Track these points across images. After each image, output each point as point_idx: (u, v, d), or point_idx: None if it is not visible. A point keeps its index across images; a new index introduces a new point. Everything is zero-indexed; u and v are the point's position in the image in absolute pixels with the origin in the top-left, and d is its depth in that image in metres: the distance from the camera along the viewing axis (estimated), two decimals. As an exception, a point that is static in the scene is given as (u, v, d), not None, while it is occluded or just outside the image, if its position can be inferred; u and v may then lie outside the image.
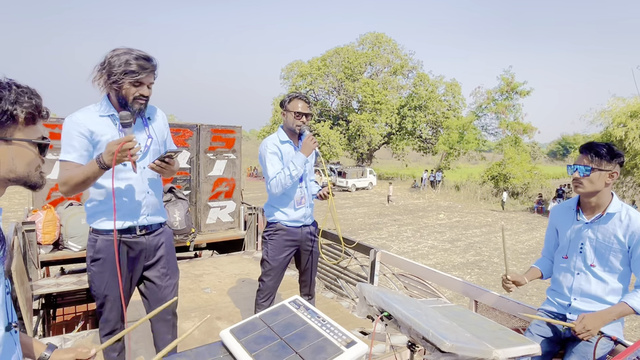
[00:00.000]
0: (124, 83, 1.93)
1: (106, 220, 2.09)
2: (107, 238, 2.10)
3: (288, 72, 39.85)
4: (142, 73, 1.93)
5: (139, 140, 2.09)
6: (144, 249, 2.20)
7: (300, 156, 2.72)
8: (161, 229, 2.28)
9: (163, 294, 2.29)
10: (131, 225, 2.12)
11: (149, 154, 2.13)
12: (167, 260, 2.29)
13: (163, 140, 2.25)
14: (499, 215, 22.01)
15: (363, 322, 3.45)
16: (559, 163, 69.24)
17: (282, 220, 2.87)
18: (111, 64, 1.91)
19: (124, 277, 2.14)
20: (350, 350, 1.57)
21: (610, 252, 2.07)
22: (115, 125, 2.03)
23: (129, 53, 1.92)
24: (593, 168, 2.03)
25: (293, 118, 2.77)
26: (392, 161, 47.81)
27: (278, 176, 2.71)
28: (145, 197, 2.14)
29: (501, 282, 2.33)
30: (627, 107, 19.24)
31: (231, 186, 5.63)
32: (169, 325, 2.37)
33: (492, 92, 31.17)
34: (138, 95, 1.97)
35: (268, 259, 2.88)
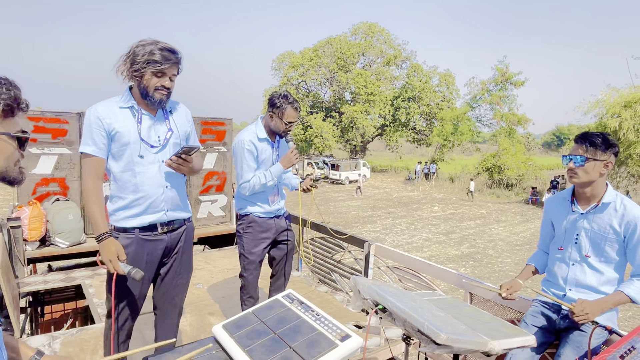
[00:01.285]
0: (145, 73, 1.94)
1: (126, 218, 2.07)
2: (128, 236, 2.07)
3: (279, 63, 39.63)
4: (164, 64, 1.93)
5: (159, 132, 2.09)
6: (164, 248, 2.16)
7: (279, 168, 2.70)
8: (184, 226, 2.24)
9: (173, 292, 2.27)
10: (151, 222, 2.09)
11: (168, 147, 2.11)
12: (183, 258, 2.26)
13: (185, 136, 2.22)
14: (493, 207, 22.12)
15: (357, 316, 3.43)
16: (553, 154, 69.68)
17: (255, 212, 2.83)
18: (135, 53, 1.92)
19: (145, 279, 2.10)
20: (344, 344, 1.54)
21: (605, 242, 2.07)
22: (134, 117, 2.02)
23: (155, 44, 1.94)
24: (588, 158, 2.03)
25: (284, 126, 2.72)
26: (385, 153, 47.88)
27: (252, 181, 2.68)
28: (164, 191, 2.10)
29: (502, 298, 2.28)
30: (621, 98, 19.33)
31: (222, 180, 5.57)
32: (173, 323, 2.35)
33: (487, 83, 31.18)
34: (159, 86, 1.97)
35: (245, 253, 2.86)
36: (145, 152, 2.03)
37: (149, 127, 2.05)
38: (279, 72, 39.59)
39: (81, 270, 4.19)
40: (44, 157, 4.39)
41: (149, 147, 2.04)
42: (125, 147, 2.00)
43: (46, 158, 4.41)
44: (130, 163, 2.02)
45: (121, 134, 1.98)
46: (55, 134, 4.41)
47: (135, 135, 2.00)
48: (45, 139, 4.36)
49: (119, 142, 1.99)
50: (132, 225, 2.06)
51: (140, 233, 2.07)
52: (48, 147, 4.40)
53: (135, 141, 2.01)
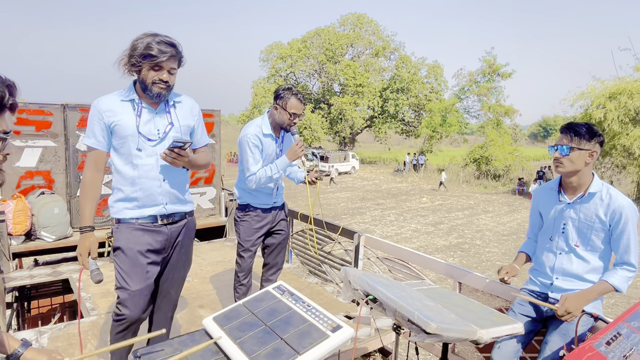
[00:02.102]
0: (142, 66, 1.93)
1: (125, 209, 2.07)
2: (128, 226, 2.07)
3: (267, 54, 39.29)
4: (161, 57, 1.92)
5: (159, 126, 2.08)
6: (166, 240, 2.14)
7: (285, 161, 2.71)
8: (185, 220, 2.24)
9: (169, 286, 2.27)
10: (151, 214, 2.09)
11: (167, 141, 2.09)
12: (182, 252, 2.25)
13: (188, 129, 2.20)
14: (481, 197, 22.36)
15: (348, 307, 3.45)
16: (539, 145, 70.54)
17: (253, 202, 2.89)
18: (134, 47, 1.92)
19: (144, 271, 2.08)
20: (336, 334, 1.55)
21: (592, 232, 2.10)
22: (133, 110, 2.02)
23: (152, 37, 1.93)
24: (573, 147, 2.05)
25: (287, 118, 2.71)
26: (374, 145, 47.98)
27: (258, 174, 2.70)
28: (161, 184, 2.10)
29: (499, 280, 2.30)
30: (605, 89, 19.57)
31: (211, 172, 5.52)
32: (167, 318, 2.35)
33: (475, 75, 31.34)
34: (157, 79, 1.96)
35: (241, 241, 2.93)
36: (143, 145, 2.03)
37: (148, 120, 2.04)
38: (267, 63, 39.28)
39: (68, 265, 4.14)
40: (28, 149, 4.31)
41: (146, 141, 2.03)
42: (124, 140, 2.01)
43: (30, 151, 4.32)
44: (129, 156, 2.03)
45: (120, 126, 1.99)
46: (39, 126, 4.32)
47: (133, 128, 2.00)
48: (29, 132, 4.27)
49: (118, 135, 2.01)
50: (132, 216, 2.07)
51: (140, 223, 2.08)
52: (32, 140, 4.31)
53: (133, 134, 2.01)
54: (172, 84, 2.02)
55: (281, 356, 1.46)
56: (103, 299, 3.37)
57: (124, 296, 2.04)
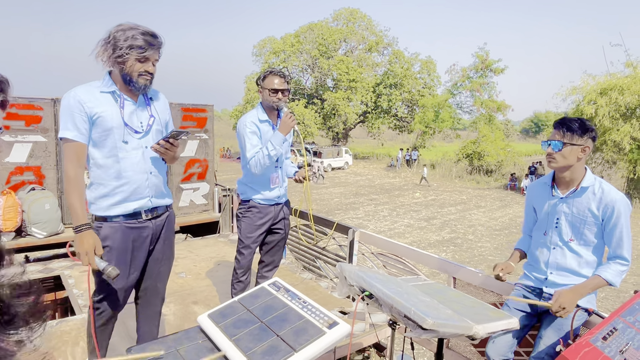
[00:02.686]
0: (129, 58, 1.88)
1: (109, 206, 2.01)
2: (112, 225, 2.01)
3: (260, 49, 39.06)
4: (148, 49, 1.89)
5: (141, 118, 2.04)
6: (150, 235, 2.12)
7: (279, 135, 2.67)
8: (167, 212, 2.22)
9: (156, 280, 2.25)
10: (136, 209, 2.05)
11: (151, 133, 2.07)
12: (165, 245, 2.23)
13: (165, 123, 2.19)
14: (473, 193, 22.49)
15: (342, 302, 3.45)
16: (531, 140, 70.92)
17: (256, 198, 2.87)
18: (116, 38, 1.86)
19: (128, 267, 2.06)
20: (332, 331, 1.54)
21: (585, 226, 2.11)
22: (116, 102, 1.97)
23: (135, 28, 1.88)
24: (565, 143, 2.07)
25: (269, 95, 2.72)
26: (368, 140, 48.01)
27: (257, 156, 2.68)
28: (148, 177, 2.07)
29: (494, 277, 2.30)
30: (597, 85, 19.70)
31: (204, 167, 5.48)
32: (156, 312, 2.34)
33: (467, 70, 31.41)
34: (143, 71, 1.93)
35: (242, 237, 2.91)
36: (129, 137, 1.99)
37: (131, 112, 2.01)
38: (260, 58, 39.05)
39: (60, 261, 4.09)
40: (18, 145, 4.24)
41: (133, 133, 2.00)
42: (108, 132, 1.95)
43: (20, 146, 4.25)
44: (114, 149, 1.97)
45: (104, 118, 1.93)
46: (29, 120, 4.25)
47: (118, 120, 1.96)
48: (18, 126, 4.20)
49: (101, 127, 1.94)
50: (115, 213, 2.01)
51: (124, 221, 2.03)
52: (22, 135, 4.24)
53: (119, 126, 1.96)
54: (155, 75, 2.00)
55: (277, 353, 1.45)
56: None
57: (107, 294, 2.05)
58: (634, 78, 18.97)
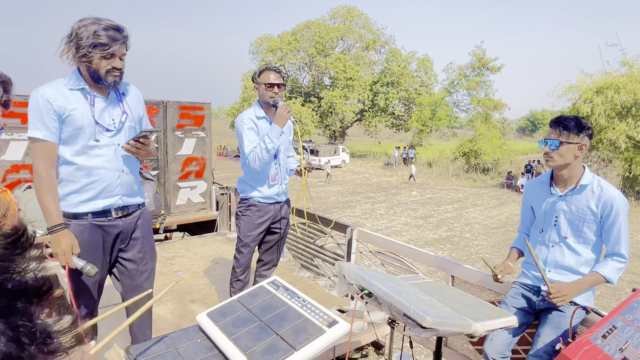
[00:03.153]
0: (94, 57, 1.82)
1: (78, 203, 1.98)
2: (81, 223, 1.99)
3: (257, 47, 38.95)
4: (113, 45, 1.82)
5: (113, 115, 2.00)
6: (120, 233, 2.10)
7: (275, 128, 2.66)
8: (139, 210, 2.19)
9: (139, 279, 2.22)
10: (105, 206, 2.02)
11: (124, 131, 2.03)
12: (144, 243, 2.20)
13: (139, 118, 2.14)
14: (470, 191, 22.54)
15: (340, 300, 3.44)
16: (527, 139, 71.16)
17: (255, 196, 2.86)
18: (79, 35, 1.79)
19: (99, 264, 2.05)
20: (332, 329, 1.54)
21: (583, 224, 2.12)
22: (86, 100, 1.92)
23: (97, 23, 1.80)
24: (562, 142, 2.07)
25: (264, 90, 2.72)
26: (365, 138, 48.01)
27: (255, 150, 2.66)
28: (120, 175, 2.04)
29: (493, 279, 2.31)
30: (593, 84, 19.76)
31: (201, 165, 5.46)
32: (148, 311, 2.30)
33: (464, 68, 31.45)
34: (110, 68, 1.87)
35: (241, 236, 2.90)
36: (101, 135, 1.95)
37: (102, 109, 1.97)
38: (257, 56, 38.93)
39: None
40: (14, 143, 4.21)
41: (104, 131, 1.96)
42: (79, 130, 1.91)
43: (16, 144, 4.23)
44: (84, 147, 1.94)
45: (74, 117, 1.89)
46: (24, 118, 4.22)
47: (89, 118, 1.91)
48: (14, 124, 4.17)
49: (71, 126, 1.90)
50: (84, 210, 1.98)
51: (93, 218, 2.01)
52: (17, 133, 4.21)
53: (90, 124, 1.92)
54: (124, 70, 1.94)
55: (277, 352, 1.45)
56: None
57: (79, 291, 2.06)
58: (629, 77, 19.05)
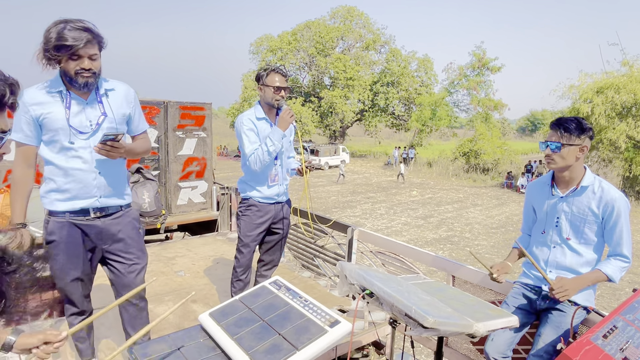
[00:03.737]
0: (61, 59, 1.83)
1: (57, 201, 2.03)
2: (59, 220, 2.03)
3: (257, 46, 38.97)
4: (76, 45, 1.80)
5: (90, 117, 2.00)
6: (99, 232, 2.11)
7: (277, 131, 2.66)
8: (121, 212, 2.19)
9: (128, 279, 2.22)
10: (83, 207, 2.04)
11: (100, 132, 2.02)
12: (129, 244, 2.20)
13: (123, 118, 2.13)
14: (470, 191, 22.55)
15: (341, 300, 3.45)
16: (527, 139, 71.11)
17: (255, 196, 2.87)
18: (47, 38, 1.80)
19: (80, 260, 2.09)
20: (334, 329, 1.54)
21: (585, 225, 2.12)
22: (62, 102, 1.93)
23: (63, 24, 1.80)
24: (563, 144, 2.07)
25: (272, 93, 2.71)
26: (365, 138, 48.01)
27: (256, 152, 2.67)
28: (96, 177, 2.05)
29: (490, 279, 2.31)
30: (594, 84, 19.75)
31: (202, 166, 5.47)
32: (138, 309, 2.31)
33: (464, 68, 31.44)
34: (79, 69, 1.85)
35: (241, 236, 2.90)
36: (75, 138, 1.97)
37: (78, 112, 1.97)
38: (257, 56, 38.95)
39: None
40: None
41: (78, 133, 1.97)
42: (55, 133, 1.93)
43: (17, 144, 4.22)
44: (62, 149, 1.97)
45: (49, 120, 1.91)
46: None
47: (63, 121, 1.93)
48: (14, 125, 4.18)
49: (48, 129, 1.93)
50: (62, 208, 2.02)
51: (71, 217, 2.04)
52: (18, 133, 4.21)
53: (64, 127, 1.93)
54: (97, 70, 1.91)
55: (279, 352, 1.45)
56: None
57: (64, 287, 2.11)
58: (630, 77, 19.05)
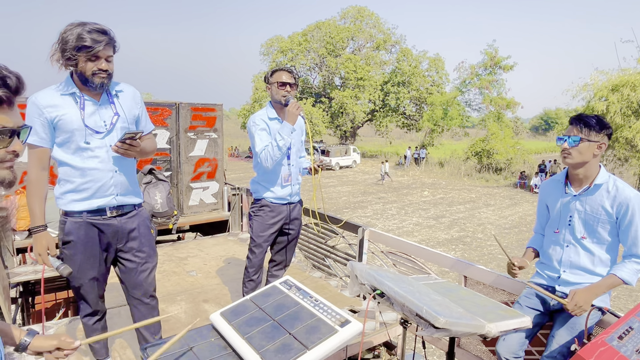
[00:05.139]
0: (79, 59, 1.87)
1: (74, 201, 2.05)
2: (76, 220, 2.06)
3: (268, 48, 39.16)
4: (96, 47, 1.86)
5: (104, 117, 2.04)
6: (116, 232, 2.15)
7: (287, 126, 2.68)
8: (135, 210, 2.23)
9: (139, 278, 2.26)
10: (100, 205, 2.08)
11: (115, 131, 2.08)
12: (142, 243, 2.24)
13: (134, 118, 2.18)
14: (482, 191, 22.34)
15: (352, 301, 3.44)
16: (541, 138, 70.23)
17: (268, 197, 2.88)
18: (64, 40, 1.85)
19: (97, 259, 2.13)
20: (344, 329, 1.54)
21: (598, 224, 2.09)
22: (76, 104, 1.98)
23: (82, 26, 1.86)
24: (582, 138, 2.04)
25: (277, 88, 2.74)
26: (375, 139, 47.88)
27: (266, 149, 2.69)
28: (113, 176, 2.09)
29: (507, 269, 2.30)
30: (609, 81, 19.39)
31: (213, 166, 5.51)
32: (149, 308, 2.33)
33: (476, 67, 31.17)
34: (97, 70, 1.91)
35: (253, 236, 2.92)
36: (91, 138, 2.01)
37: (92, 112, 2.02)
38: (268, 57, 39.14)
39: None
40: (30, 145, 4.28)
41: (94, 133, 2.01)
42: (70, 134, 1.97)
43: (32, 146, 4.29)
44: (78, 149, 2.00)
45: (64, 121, 1.95)
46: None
47: (78, 122, 1.97)
48: (30, 127, 4.25)
49: (63, 130, 1.97)
50: (80, 208, 2.05)
51: (88, 217, 2.07)
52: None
53: (79, 128, 1.98)
54: (111, 72, 1.98)
55: (290, 351, 1.46)
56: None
57: (80, 288, 2.14)
58: (646, 74, 18.69)
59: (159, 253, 2.75)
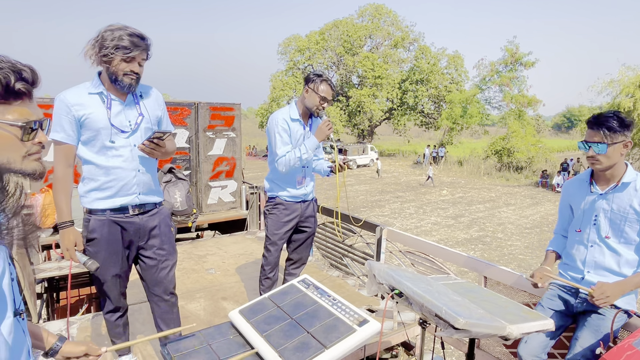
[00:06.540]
0: (114, 58, 1.94)
1: (97, 199, 2.10)
2: (100, 218, 2.11)
3: (285, 47, 39.28)
4: (134, 50, 1.94)
5: (129, 117, 2.10)
6: (138, 229, 2.19)
7: (314, 140, 2.71)
8: (156, 209, 2.27)
9: (160, 275, 2.29)
10: (123, 204, 2.12)
11: (140, 132, 2.13)
12: (163, 241, 2.28)
13: (156, 119, 2.23)
14: (502, 190, 21.98)
15: (370, 300, 3.43)
16: (563, 136, 68.68)
17: (282, 195, 2.90)
18: (104, 38, 1.92)
19: (119, 257, 2.17)
20: (363, 328, 1.54)
21: (625, 223, 2.03)
22: (103, 103, 2.04)
23: (124, 29, 1.94)
24: (609, 144, 1.97)
25: (318, 101, 2.74)
26: (393, 137, 47.56)
27: (288, 155, 2.70)
28: (136, 175, 2.13)
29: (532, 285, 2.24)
30: (636, 77, 18.82)
31: (232, 165, 5.56)
32: (169, 305, 2.36)
33: (496, 64, 30.63)
34: (129, 71, 1.98)
35: (268, 234, 2.94)
36: (116, 137, 2.06)
37: (118, 112, 2.07)
38: (285, 56, 39.27)
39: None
40: (55, 144, 4.39)
41: (119, 132, 2.06)
42: (96, 132, 2.02)
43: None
44: (102, 148, 2.05)
45: (91, 120, 2.00)
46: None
47: (105, 121, 2.02)
48: (54, 127, 4.36)
49: (89, 128, 2.02)
50: (103, 206, 2.10)
51: (111, 215, 2.11)
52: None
53: (106, 127, 2.03)
54: (141, 75, 2.05)
55: (308, 350, 1.46)
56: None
57: (103, 285, 2.18)
58: (675, 70, 18.08)
59: (179, 251, 2.79)
